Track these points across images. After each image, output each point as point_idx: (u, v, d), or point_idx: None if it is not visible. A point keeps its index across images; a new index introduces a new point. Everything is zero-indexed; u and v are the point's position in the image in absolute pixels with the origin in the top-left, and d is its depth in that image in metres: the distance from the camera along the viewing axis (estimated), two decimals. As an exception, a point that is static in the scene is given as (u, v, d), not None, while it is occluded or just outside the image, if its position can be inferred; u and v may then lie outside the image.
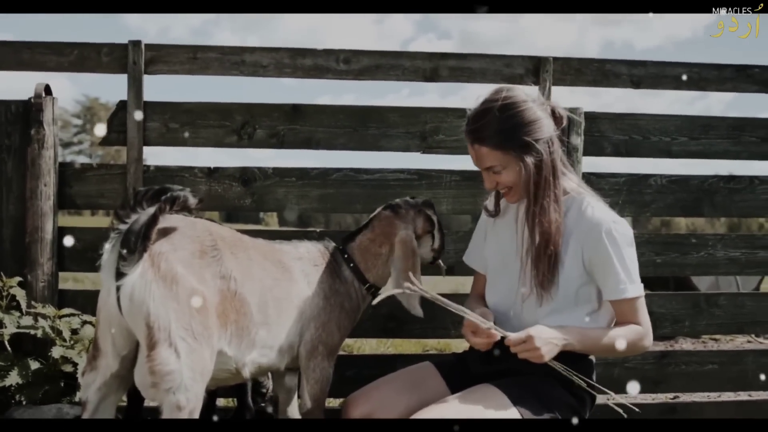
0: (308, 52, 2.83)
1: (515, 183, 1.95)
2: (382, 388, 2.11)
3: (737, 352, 3.11)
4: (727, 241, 3.00)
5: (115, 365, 1.74)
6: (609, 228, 1.90)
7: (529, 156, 1.89)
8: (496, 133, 1.89)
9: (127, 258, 1.59)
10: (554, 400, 1.92)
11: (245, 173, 2.78)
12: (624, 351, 1.92)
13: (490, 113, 1.90)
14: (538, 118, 1.91)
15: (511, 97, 1.91)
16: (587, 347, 1.90)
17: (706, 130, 2.98)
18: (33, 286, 2.61)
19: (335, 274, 2.22)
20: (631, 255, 1.92)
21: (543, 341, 1.79)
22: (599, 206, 1.97)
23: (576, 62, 2.92)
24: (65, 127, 39.43)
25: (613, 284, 1.91)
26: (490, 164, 1.94)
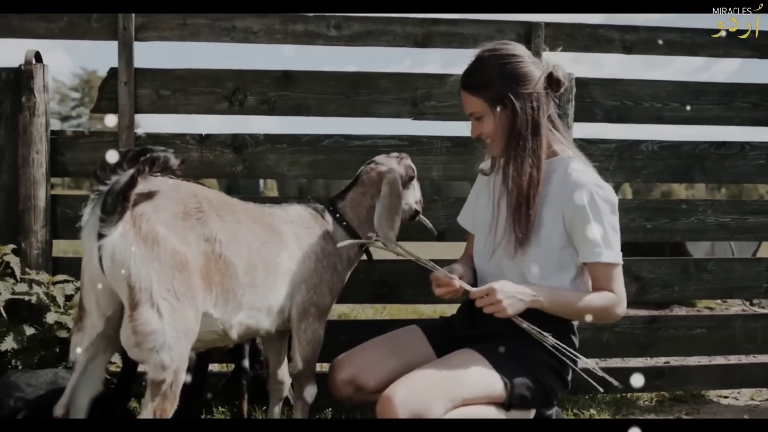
0: (299, 18, 2.81)
1: (494, 133, 2.00)
2: (368, 351, 2.15)
3: (725, 317, 3.14)
4: (717, 207, 3.02)
5: (100, 325, 1.76)
6: (590, 191, 1.91)
7: (504, 107, 1.95)
8: (478, 80, 1.97)
9: (106, 219, 1.60)
10: (536, 362, 1.96)
11: (236, 140, 2.79)
12: (595, 316, 1.93)
13: (479, 61, 1.99)
14: (524, 74, 1.95)
15: (501, 49, 1.98)
16: (557, 308, 1.90)
17: (698, 95, 2.98)
18: (27, 253, 2.63)
19: (327, 235, 2.24)
20: (611, 221, 1.93)
21: (505, 294, 1.81)
22: (585, 170, 1.98)
23: (568, 27, 2.90)
24: (63, 101, 39.22)
25: (589, 247, 1.92)
26: (471, 110, 2.02)
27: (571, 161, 1.99)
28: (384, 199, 2.23)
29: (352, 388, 2.11)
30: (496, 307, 1.82)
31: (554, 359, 1.97)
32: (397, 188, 2.24)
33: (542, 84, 1.96)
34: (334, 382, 2.14)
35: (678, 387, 3.13)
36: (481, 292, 1.84)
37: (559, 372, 1.99)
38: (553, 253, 1.97)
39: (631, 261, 3.01)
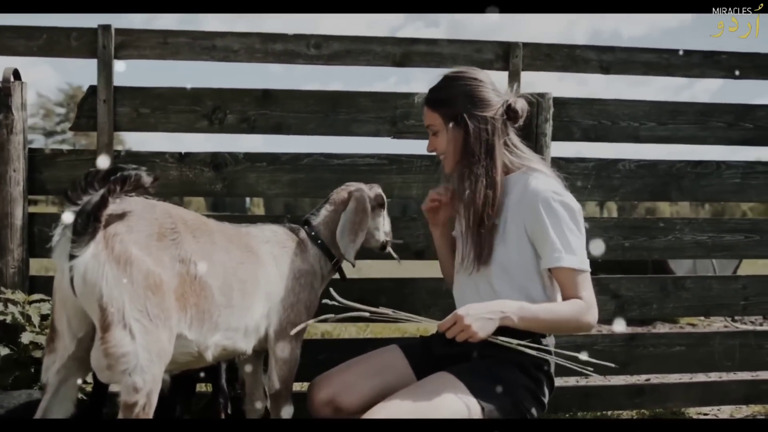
0: (279, 37, 2.83)
1: (446, 149, 2.08)
2: (347, 372, 2.14)
3: (704, 335, 3.16)
4: (694, 225, 3.04)
5: (72, 347, 1.74)
6: (546, 197, 1.94)
7: (457, 124, 2.03)
8: (439, 96, 2.08)
9: (77, 240, 1.59)
10: (513, 384, 1.95)
11: (216, 158, 2.78)
12: (566, 327, 1.93)
13: (444, 80, 2.10)
14: (483, 98, 2.03)
15: (467, 72, 2.09)
16: (527, 322, 1.89)
17: (674, 115, 3.02)
18: (3, 272, 2.61)
19: (303, 254, 2.24)
20: (570, 227, 1.94)
21: (472, 318, 1.81)
22: (544, 179, 2.01)
23: (546, 48, 2.94)
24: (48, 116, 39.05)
25: (548, 252, 1.93)
26: (429, 123, 2.11)
27: (532, 173, 2.03)
28: (348, 214, 2.30)
29: (330, 409, 2.10)
30: (467, 333, 1.81)
31: (531, 380, 1.97)
32: (363, 204, 2.31)
33: (500, 111, 2.04)
34: (313, 402, 2.13)
35: (658, 404, 3.14)
36: (448, 323, 1.82)
37: (536, 393, 1.99)
38: (521, 265, 1.99)
39: (610, 279, 3.03)
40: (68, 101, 41.51)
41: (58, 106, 41.83)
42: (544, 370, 2.01)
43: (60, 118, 41.84)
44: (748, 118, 3.07)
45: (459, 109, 2.02)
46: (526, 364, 1.97)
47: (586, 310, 1.93)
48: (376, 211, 2.40)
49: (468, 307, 1.84)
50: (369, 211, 2.33)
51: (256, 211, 28.11)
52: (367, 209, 2.32)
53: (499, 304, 1.87)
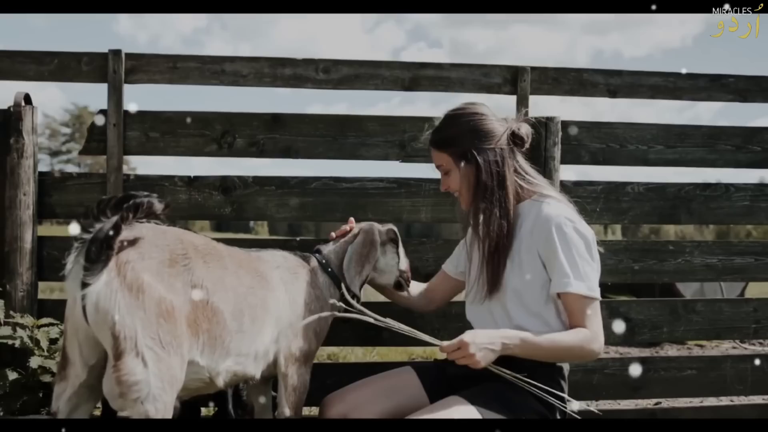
0: (288, 61, 2.84)
1: (460, 187, 2.10)
2: (360, 391, 2.14)
3: (715, 358, 3.14)
4: (704, 248, 3.03)
5: (83, 375, 1.73)
6: (559, 222, 1.95)
7: (468, 162, 2.04)
8: (444, 136, 2.09)
9: (90, 268, 1.59)
10: (524, 410, 1.94)
11: (225, 182, 2.79)
12: (569, 356, 1.94)
13: (446, 120, 2.12)
14: (487, 130, 2.05)
15: (467, 109, 2.10)
16: (529, 351, 1.89)
17: (682, 138, 3.02)
18: (12, 295, 2.60)
19: (313, 280, 2.24)
20: (582, 253, 1.94)
21: (477, 347, 1.81)
22: (558, 206, 2.02)
23: (553, 72, 2.95)
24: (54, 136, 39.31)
25: (557, 277, 1.93)
26: (439, 164, 2.13)
27: (545, 200, 2.04)
28: (355, 245, 2.32)
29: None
30: (469, 360, 1.81)
31: (542, 404, 1.96)
32: (371, 236, 2.33)
33: (505, 140, 2.05)
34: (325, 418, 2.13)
35: (669, 429, 3.10)
36: (453, 346, 1.82)
37: (547, 418, 1.97)
38: (535, 291, 1.99)
39: (620, 302, 3.02)
40: (74, 121, 41.81)
41: (64, 126, 42.16)
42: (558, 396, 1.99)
43: (65, 138, 42.15)
44: (755, 140, 3.07)
45: (467, 146, 2.04)
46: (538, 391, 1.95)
47: (591, 339, 1.92)
48: (386, 247, 2.39)
49: (474, 334, 1.84)
50: (377, 243, 2.33)
51: (261, 232, 28.14)
52: (375, 241, 2.32)
53: (502, 335, 1.87)
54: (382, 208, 2.81)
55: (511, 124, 2.08)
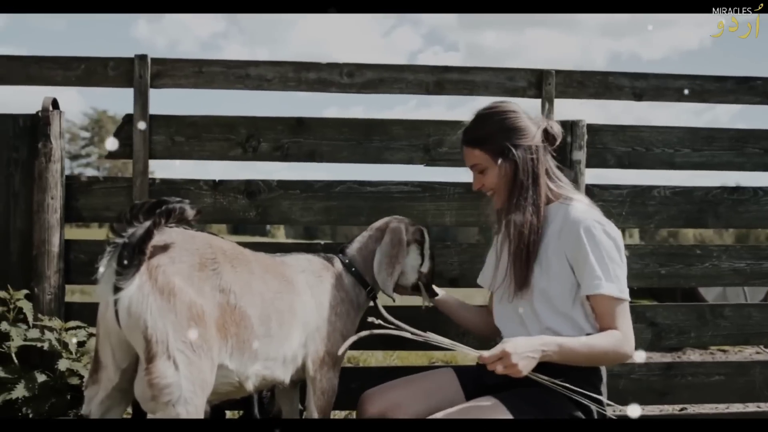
0: (312, 65, 2.85)
1: (496, 184, 2.08)
2: (399, 390, 2.14)
3: (743, 364, 3.10)
4: (732, 252, 3.00)
5: (116, 378, 1.75)
6: (588, 225, 1.94)
7: (505, 159, 2.03)
8: (480, 135, 2.07)
9: (123, 272, 1.60)
10: (560, 412, 1.93)
11: (250, 186, 2.80)
12: (604, 359, 1.93)
13: (479, 118, 2.10)
14: (522, 127, 2.04)
15: (499, 107, 2.10)
16: (566, 357, 1.87)
17: (709, 141, 2.99)
18: (40, 298, 2.63)
19: (338, 283, 2.24)
20: (612, 255, 1.93)
21: (519, 356, 1.78)
22: (584, 208, 2.02)
23: (578, 75, 2.93)
24: (73, 140, 39.71)
25: (588, 279, 1.92)
26: (474, 163, 2.11)
27: (572, 203, 2.04)
28: (385, 246, 2.30)
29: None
30: (511, 370, 1.78)
31: (579, 409, 1.95)
32: (399, 235, 2.30)
33: (539, 138, 2.05)
34: (364, 416, 2.14)
35: (696, 436, 3.07)
36: (495, 357, 1.79)
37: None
38: (564, 293, 1.98)
39: (646, 307, 3.00)
40: (93, 125, 42.20)
41: (83, 130, 42.57)
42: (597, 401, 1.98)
43: (84, 142, 42.56)
44: (784, 143, 3.02)
45: (504, 143, 2.03)
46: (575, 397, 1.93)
47: (623, 341, 1.91)
48: (411, 247, 2.37)
49: (515, 344, 1.81)
50: (404, 242, 2.32)
51: (277, 235, 28.23)
52: (402, 241, 2.31)
53: (541, 342, 1.85)
54: (407, 212, 2.79)
55: (543, 123, 2.09)
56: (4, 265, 2.68)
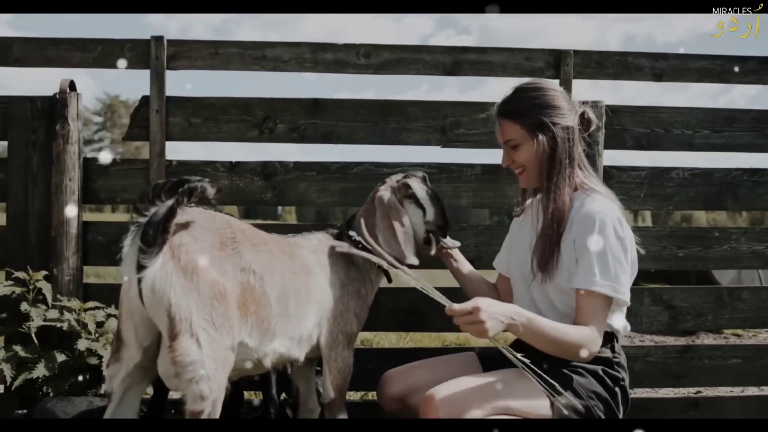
0: (329, 46, 2.84)
1: (529, 161, 2.03)
2: (420, 372, 2.15)
3: (761, 347, 3.07)
4: (750, 235, 2.97)
5: (138, 356, 1.76)
6: (603, 219, 1.90)
7: (544, 135, 1.99)
8: (519, 108, 2.02)
9: (147, 251, 1.60)
10: (584, 388, 1.92)
11: (266, 167, 2.80)
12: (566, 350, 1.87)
13: (519, 91, 2.05)
14: (561, 106, 2.01)
15: (539, 83, 2.07)
16: (532, 333, 1.83)
17: (729, 122, 2.95)
18: (59, 279, 2.65)
19: (348, 261, 2.22)
20: (616, 253, 1.89)
21: (489, 315, 1.74)
22: (603, 200, 1.98)
23: (597, 55, 2.90)
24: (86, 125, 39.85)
25: (582, 273, 1.89)
26: (509, 137, 2.05)
27: (594, 194, 2.00)
28: (380, 222, 2.25)
29: (399, 405, 2.13)
30: (477, 327, 1.74)
31: (605, 390, 1.94)
32: (384, 205, 2.24)
33: (576, 121, 2.03)
34: (384, 396, 2.16)
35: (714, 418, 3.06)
36: (465, 311, 1.75)
37: (609, 404, 1.95)
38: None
39: (663, 290, 2.98)
40: (105, 110, 42.33)
41: (96, 115, 42.70)
42: (620, 384, 1.98)
43: (97, 127, 42.70)
44: (805, 125, 2.98)
45: (543, 119, 1.99)
46: (600, 374, 1.95)
47: (592, 340, 1.87)
48: (404, 205, 2.27)
49: (489, 302, 1.78)
50: (397, 205, 2.23)
51: (288, 219, 28.25)
52: (393, 206, 2.23)
53: (514, 310, 1.82)
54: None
55: (580, 107, 2.06)
56: (23, 246, 2.70)
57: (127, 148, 26.11)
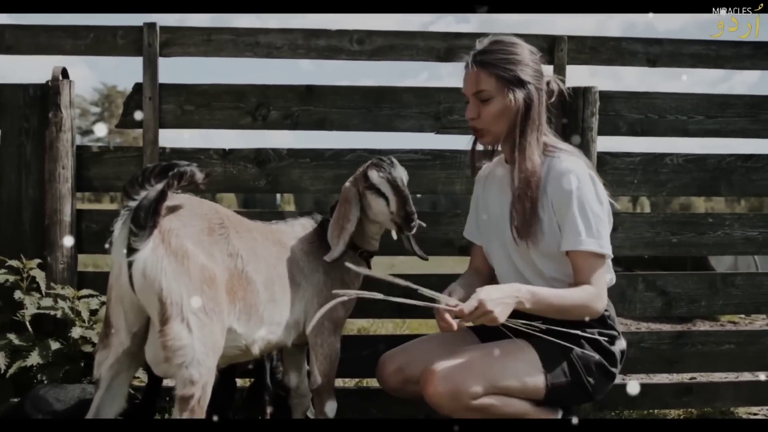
0: (322, 32, 2.83)
1: (497, 116, 2.00)
2: (419, 344, 2.19)
3: (754, 332, 3.09)
4: (744, 221, 2.97)
5: (127, 342, 1.76)
6: (579, 178, 1.93)
7: (520, 91, 1.98)
8: (498, 60, 1.99)
9: (138, 233, 1.61)
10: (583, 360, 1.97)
11: (260, 155, 2.80)
12: (575, 313, 1.92)
13: (498, 45, 2.03)
14: (537, 68, 2.03)
15: (517, 42, 2.05)
16: (538, 305, 1.88)
17: (723, 108, 2.94)
18: (52, 267, 2.65)
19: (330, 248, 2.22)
20: (595, 209, 1.93)
21: (494, 303, 1.79)
22: (571, 159, 2.00)
23: (591, 41, 2.89)
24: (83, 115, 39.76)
25: (568, 234, 1.93)
26: (483, 88, 2.00)
27: (562, 153, 2.03)
28: (335, 210, 2.24)
29: (399, 379, 2.14)
30: (488, 317, 1.79)
31: (603, 355, 1.99)
32: (342, 197, 2.22)
33: (545, 85, 2.05)
34: (383, 372, 2.18)
35: (707, 404, 3.07)
36: (472, 308, 1.79)
37: (606, 368, 1.99)
38: (558, 244, 1.98)
39: (657, 275, 2.98)
40: (103, 100, 42.22)
41: (93, 105, 42.59)
42: (616, 342, 2.04)
43: (95, 117, 42.61)
44: (800, 110, 2.98)
45: (520, 77, 1.98)
46: (597, 341, 1.99)
47: (596, 297, 1.92)
48: (368, 195, 2.18)
49: (489, 290, 1.82)
50: (352, 199, 2.18)
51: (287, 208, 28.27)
52: (348, 199, 2.18)
53: (514, 288, 1.86)
54: (417, 180, 2.78)
55: (548, 76, 2.09)
56: (17, 234, 2.70)
57: (125, 139, 26.04)
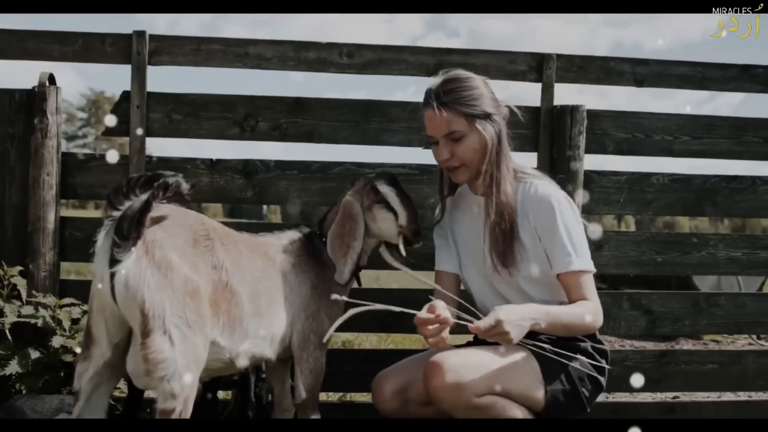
0: (312, 45, 2.83)
1: (473, 153, 2.02)
2: (418, 364, 2.12)
3: (737, 353, 3.10)
4: (728, 241, 2.99)
5: (108, 353, 1.74)
6: (558, 200, 1.99)
7: (489, 124, 2.00)
8: (462, 98, 2.00)
9: (121, 244, 1.59)
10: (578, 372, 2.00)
11: (247, 166, 2.78)
12: (581, 328, 1.97)
13: (456, 82, 2.03)
14: (493, 97, 2.06)
15: (471, 75, 2.06)
16: (552, 326, 1.92)
17: (709, 129, 2.97)
18: (34, 275, 2.61)
19: (319, 261, 2.20)
20: (577, 230, 1.99)
21: (512, 325, 1.80)
22: (544, 183, 2.05)
23: (579, 59, 2.91)
24: (70, 120, 39.54)
25: (559, 256, 1.97)
26: (455, 128, 2.00)
27: (533, 178, 2.07)
28: (335, 226, 2.19)
29: (399, 401, 2.10)
30: (503, 337, 1.81)
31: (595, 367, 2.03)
32: (346, 213, 2.18)
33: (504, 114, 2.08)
34: (382, 394, 2.11)
35: (688, 423, 3.08)
36: (489, 326, 1.79)
37: (597, 380, 2.03)
38: (545, 269, 2.03)
39: (642, 294, 2.99)
40: (90, 106, 42.02)
41: (80, 111, 42.38)
42: (606, 357, 2.09)
43: (82, 123, 42.38)
44: (784, 132, 3.01)
45: (486, 110, 2.01)
46: (590, 351, 2.03)
47: (598, 311, 1.99)
48: (374, 210, 2.20)
49: (508, 311, 1.83)
50: (358, 215, 2.17)
51: (273, 219, 28.21)
52: (354, 215, 2.16)
53: (533, 310, 1.89)
54: (404, 195, 2.79)
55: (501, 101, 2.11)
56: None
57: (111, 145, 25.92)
